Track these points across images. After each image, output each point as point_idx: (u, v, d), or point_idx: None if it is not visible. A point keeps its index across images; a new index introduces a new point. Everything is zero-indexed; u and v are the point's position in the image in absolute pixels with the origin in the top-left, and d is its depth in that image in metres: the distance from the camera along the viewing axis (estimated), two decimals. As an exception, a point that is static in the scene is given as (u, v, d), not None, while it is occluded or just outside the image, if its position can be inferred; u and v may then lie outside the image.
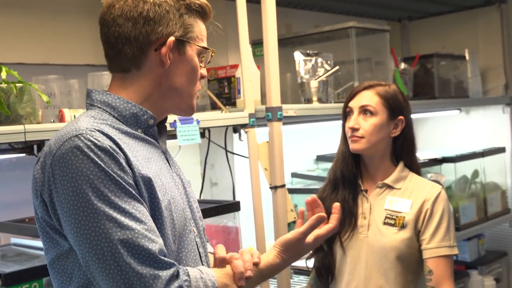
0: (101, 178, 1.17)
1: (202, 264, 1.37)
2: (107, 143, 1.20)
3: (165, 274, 1.17)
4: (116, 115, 1.32)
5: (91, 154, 1.18)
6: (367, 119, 2.02)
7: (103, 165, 1.17)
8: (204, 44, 1.38)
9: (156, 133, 1.37)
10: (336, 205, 1.48)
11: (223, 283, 1.27)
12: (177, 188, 1.36)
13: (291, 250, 1.40)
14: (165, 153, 1.40)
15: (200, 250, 1.38)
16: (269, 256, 1.39)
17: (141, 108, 1.33)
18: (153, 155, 1.33)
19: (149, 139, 1.35)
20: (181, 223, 1.31)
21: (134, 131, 1.32)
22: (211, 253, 1.50)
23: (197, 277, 1.22)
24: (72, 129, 1.22)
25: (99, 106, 1.33)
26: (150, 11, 1.29)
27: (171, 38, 1.30)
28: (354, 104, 2.05)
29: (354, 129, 2.02)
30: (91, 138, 1.19)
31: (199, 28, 1.36)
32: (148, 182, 1.25)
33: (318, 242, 1.43)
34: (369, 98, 2.03)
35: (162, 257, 1.18)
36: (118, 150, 1.21)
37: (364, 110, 2.03)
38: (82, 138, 1.19)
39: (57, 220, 1.21)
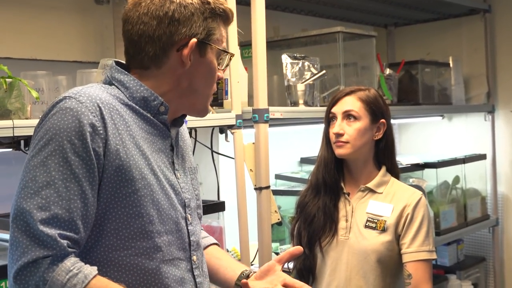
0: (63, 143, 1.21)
1: (191, 253, 1.39)
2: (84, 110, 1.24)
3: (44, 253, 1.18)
4: (127, 95, 1.34)
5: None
6: (351, 124, 2.05)
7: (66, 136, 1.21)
8: (224, 46, 1.41)
9: (166, 120, 1.38)
10: None
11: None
12: (170, 173, 1.37)
13: None
14: (172, 138, 1.41)
15: (191, 239, 1.40)
16: None
17: (152, 93, 1.35)
18: (152, 137, 1.35)
19: (155, 120, 1.36)
20: (167, 207, 1.33)
21: (141, 110, 1.34)
22: (216, 244, 1.61)
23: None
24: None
25: (115, 84, 1.36)
26: (175, 11, 1.31)
27: (194, 40, 1.32)
28: (337, 109, 2.08)
29: (338, 135, 2.05)
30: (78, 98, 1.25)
31: (220, 31, 1.38)
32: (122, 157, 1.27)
33: None
34: (351, 103, 2.07)
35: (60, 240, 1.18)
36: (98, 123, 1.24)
37: (347, 115, 2.06)
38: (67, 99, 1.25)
39: None
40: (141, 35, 1.33)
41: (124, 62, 1.40)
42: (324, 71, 2.77)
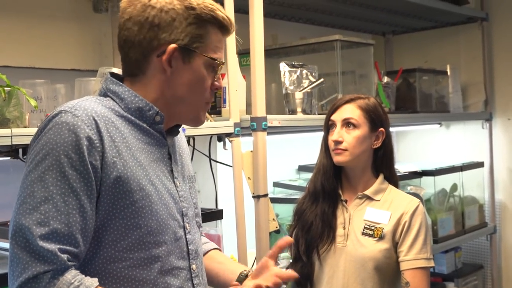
0: (59, 157, 1.21)
1: (190, 262, 1.39)
2: (81, 123, 1.23)
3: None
4: (123, 107, 1.34)
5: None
6: (350, 131, 2.06)
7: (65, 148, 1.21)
8: (217, 55, 1.37)
9: (162, 129, 1.38)
10: None
11: None
12: (169, 182, 1.37)
13: None
14: (169, 147, 1.41)
15: (190, 247, 1.39)
16: None
17: (147, 103, 1.35)
18: (149, 147, 1.35)
19: (151, 130, 1.36)
20: (166, 217, 1.33)
21: (137, 121, 1.35)
22: (218, 249, 1.61)
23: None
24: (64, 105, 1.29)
25: (110, 95, 1.36)
26: (156, 17, 1.31)
27: (172, 46, 1.31)
28: (337, 117, 2.09)
29: (337, 142, 2.06)
30: (73, 113, 1.25)
31: (212, 39, 1.35)
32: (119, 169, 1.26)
33: None
34: (351, 111, 2.07)
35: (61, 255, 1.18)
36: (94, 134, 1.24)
37: (346, 123, 2.07)
38: (62, 114, 1.24)
39: None
40: (125, 41, 1.34)
41: (118, 73, 1.41)
42: (322, 79, 2.78)
